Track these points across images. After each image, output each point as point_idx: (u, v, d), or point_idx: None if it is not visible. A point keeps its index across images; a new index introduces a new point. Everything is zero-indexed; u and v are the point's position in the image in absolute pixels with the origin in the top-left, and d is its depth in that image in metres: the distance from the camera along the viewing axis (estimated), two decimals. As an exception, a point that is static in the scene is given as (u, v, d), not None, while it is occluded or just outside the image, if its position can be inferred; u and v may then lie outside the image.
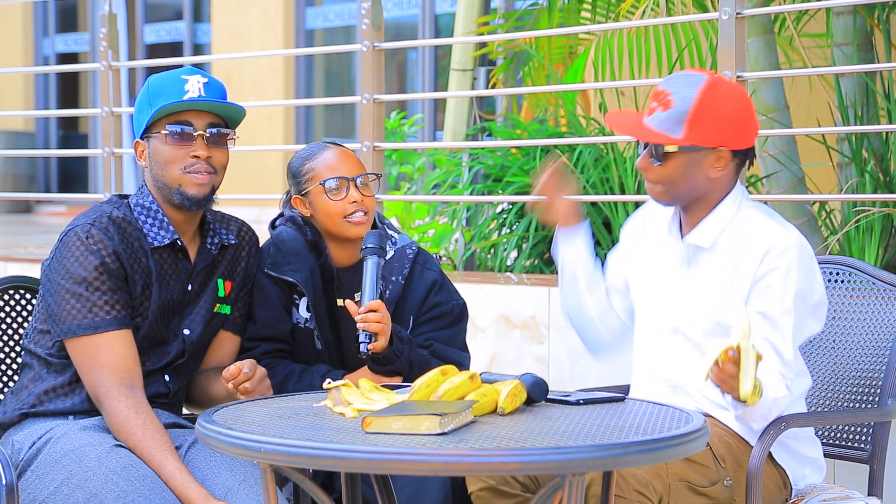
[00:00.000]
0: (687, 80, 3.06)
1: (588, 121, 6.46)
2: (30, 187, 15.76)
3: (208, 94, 3.15)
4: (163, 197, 3.18)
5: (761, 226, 3.10)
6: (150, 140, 3.17)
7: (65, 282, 3.07)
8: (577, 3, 6.32)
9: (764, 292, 3.05)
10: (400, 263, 3.41)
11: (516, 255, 5.90)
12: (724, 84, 3.08)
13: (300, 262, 3.37)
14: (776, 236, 3.06)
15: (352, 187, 3.34)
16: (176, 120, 3.14)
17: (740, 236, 3.11)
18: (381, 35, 5.20)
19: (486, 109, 9.33)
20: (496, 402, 2.69)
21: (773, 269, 3.04)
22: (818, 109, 6.68)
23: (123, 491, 2.89)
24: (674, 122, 3.03)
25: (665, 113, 3.04)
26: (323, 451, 2.38)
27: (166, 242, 3.17)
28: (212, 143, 3.16)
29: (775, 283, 3.04)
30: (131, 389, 3.05)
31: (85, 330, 3.06)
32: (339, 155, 3.39)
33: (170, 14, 15.20)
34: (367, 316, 3.15)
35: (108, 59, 6.06)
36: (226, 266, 3.29)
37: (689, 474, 3.01)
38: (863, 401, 3.39)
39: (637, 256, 3.29)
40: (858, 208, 4.94)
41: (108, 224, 3.11)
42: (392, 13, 12.46)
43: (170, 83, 3.15)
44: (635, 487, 2.87)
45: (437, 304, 3.42)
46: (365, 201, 3.35)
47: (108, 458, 2.96)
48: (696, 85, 3.04)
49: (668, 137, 3.04)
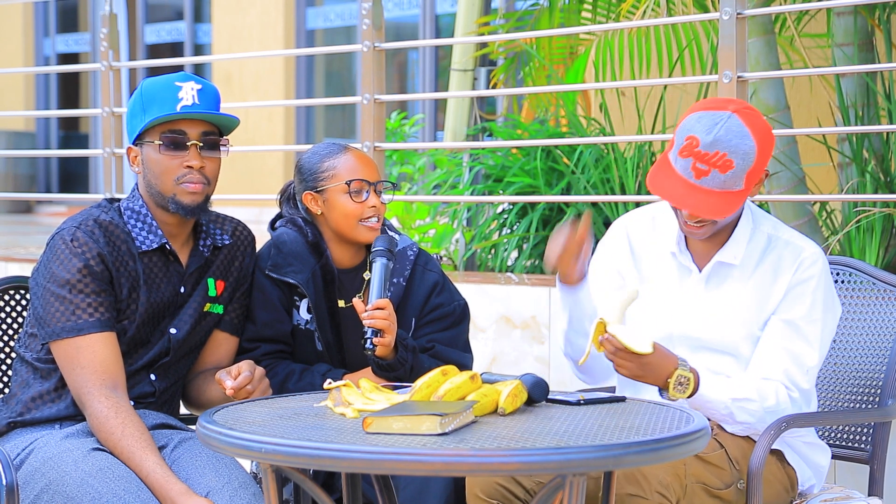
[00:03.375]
0: (735, 134, 2.97)
1: (588, 121, 6.46)
2: (30, 187, 15.76)
3: (202, 101, 3.14)
4: (156, 203, 3.18)
5: (789, 235, 3.17)
6: (142, 147, 3.17)
7: (50, 285, 3.08)
8: (577, 4, 6.32)
9: (795, 301, 3.10)
10: (401, 265, 3.41)
11: (517, 256, 5.90)
12: (755, 117, 3.02)
13: (301, 264, 3.37)
14: (805, 247, 3.13)
15: (372, 192, 3.36)
16: (169, 129, 3.13)
17: (770, 248, 3.15)
18: (382, 35, 5.20)
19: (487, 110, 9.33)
20: (497, 402, 2.69)
21: (807, 279, 3.10)
22: (819, 109, 6.67)
23: (98, 492, 2.89)
24: (737, 178, 2.99)
25: (725, 174, 2.97)
26: (323, 451, 2.38)
27: (154, 246, 3.17)
28: (205, 151, 3.16)
29: (807, 292, 3.10)
30: (113, 390, 3.04)
31: (68, 332, 3.06)
32: (363, 158, 3.41)
33: (170, 14, 15.19)
34: (373, 313, 3.16)
35: (108, 59, 6.06)
36: (218, 266, 3.28)
37: (705, 476, 3.01)
38: (863, 401, 3.39)
39: (642, 264, 3.26)
40: (859, 208, 4.94)
41: (93, 227, 3.11)
42: (392, 13, 12.45)
43: (163, 90, 3.14)
44: (657, 489, 2.87)
45: (439, 306, 3.42)
46: (380, 207, 3.37)
47: (84, 462, 2.96)
48: (748, 137, 2.97)
49: (735, 195, 3.00)
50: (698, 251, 3.20)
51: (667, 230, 3.23)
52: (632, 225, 3.31)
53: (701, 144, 2.97)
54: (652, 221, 3.29)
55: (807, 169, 5.49)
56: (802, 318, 3.09)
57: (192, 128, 3.14)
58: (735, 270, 3.16)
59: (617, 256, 3.28)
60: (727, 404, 3.02)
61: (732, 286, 3.15)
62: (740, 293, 3.14)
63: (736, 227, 3.16)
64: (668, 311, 3.18)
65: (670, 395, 2.97)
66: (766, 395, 3.04)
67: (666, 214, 3.23)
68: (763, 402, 3.03)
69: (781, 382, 3.06)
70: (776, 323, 3.10)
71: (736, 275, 3.16)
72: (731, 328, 3.13)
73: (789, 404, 3.06)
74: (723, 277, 3.17)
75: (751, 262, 3.15)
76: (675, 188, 3.01)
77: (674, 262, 3.22)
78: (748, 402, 3.03)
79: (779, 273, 3.12)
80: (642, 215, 3.33)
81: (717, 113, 2.99)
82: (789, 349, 3.07)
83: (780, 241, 3.16)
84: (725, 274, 3.17)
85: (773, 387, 3.05)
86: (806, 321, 3.09)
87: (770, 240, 3.16)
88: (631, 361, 2.92)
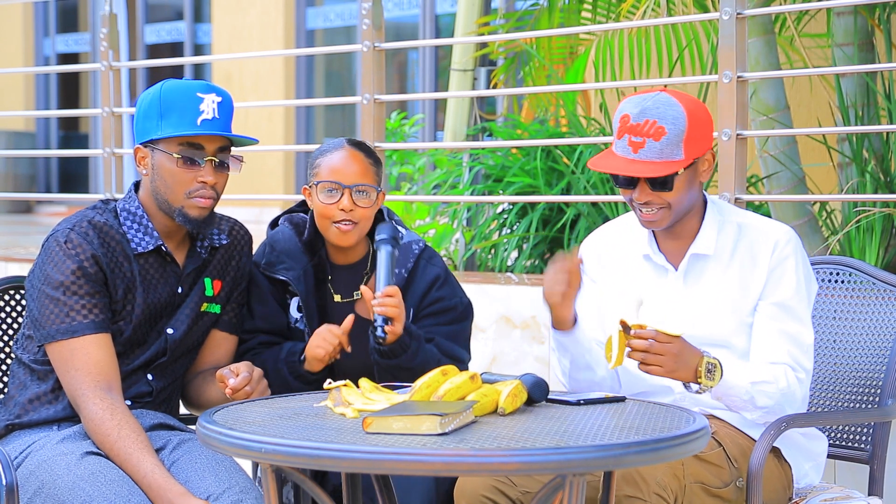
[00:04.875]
0: (662, 103, 3.05)
1: (588, 121, 6.46)
2: (30, 187, 15.76)
3: (221, 114, 3.12)
4: (159, 208, 3.16)
5: (758, 221, 3.22)
6: (154, 152, 3.13)
7: (44, 287, 3.07)
8: (577, 4, 6.32)
9: (779, 282, 3.13)
10: (404, 258, 3.42)
11: (517, 256, 5.90)
12: (684, 94, 3.11)
13: (293, 261, 3.38)
14: (777, 228, 3.18)
15: (345, 195, 3.31)
16: (188, 142, 3.10)
17: (742, 236, 3.17)
18: (382, 35, 5.20)
19: (487, 110, 9.33)
20: (497, 402, 2.69)
21: (785, 258, 3.14)
22: (819, 109, 6.68)
23: (90, 496, 2.88)
24: (673, 145, 3.04)
25: (660, 142, 3.03)
26: (323, 451, 2.38)
27: (150, 248, 3.16)
28: (219, 168, 3.14)
29: (788, 271, 3.13)
30: (108, 392, 3.03)
31: (63, 334, 3.05)
32: (344, 159, 3.35)
33: (170, 14, 15.19)
34: (383, 300, 3.16)
35: (108, 59, 6.06)
36: (215, 266, 3.27)
37: (704, 475, 3.02)
38: (863, 401, 3.39)
39: (607, 284, 3.26)
40: (859, 208, 4.94)
41: (88, 228, 3.10)
42: (392, 13, 12.45)
43: (184, 99, 3.10)
44: (655, 490, 2.87)
45: (440, 299, 3.42)
46: (356, 212, 3.30)
47: (77, 466, 2.95)
48: (676, 104, 3.05)
49: (674, 163, 3.05)
50: (671, 250, 3.21)
51: (636, 236, 3.25)
52: (598, 241, 3.33)
53: (631, 118, 3.05)
54: (619, 233, 3.31)
55: (807, 169, 5.49)
56: (791, 298, 3.12)
57: (209, 143, 3.12)
58: (711, 262, 3.17)
59: (591, 276, 3.27)
60: (748, 388, 3.02)
61: (711, 278, 3.17)
62: (721, 284, 3.16)
63: (704, 219, 3.19)
64: (651, 313, 3.18)
65: (702, 383, 2.96)
66: (778, 376, 3.06)
67: (633, 224, 3.24)
68: (777, 383, 3.05)
69: (788, 365, 3.08)
70: (767, 308, 3.12)
71: (713, 266, 3.17)
72: (719, 320, 3.13)
73: (798, 386, 3.08)
74: (700, 271, 3.18)
75: (725, 252, 3.17)
76: (616, 163, 3.08)
77: (649, 265, 3.23)
78: (766, 385, 3.04)
79: (756, 258, 3.15)
80: (607, 229, 3.36)
81: (646, 93, 3.09)
82: (786, 331, 3.10)
83: (749, 227, 3.19)
84: (702, 267, 3.18)
85: (781, 369, 3.07)
86: (795, 300, 3.13)
87: (740, 228, 3.19)
88: (665, 354, 2.90)
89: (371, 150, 3.42)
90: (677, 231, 3.19)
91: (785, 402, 3.06)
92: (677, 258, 3.21)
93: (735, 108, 4.36)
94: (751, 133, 4.62)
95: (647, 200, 3.09)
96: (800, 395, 3.09)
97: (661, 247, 3.22)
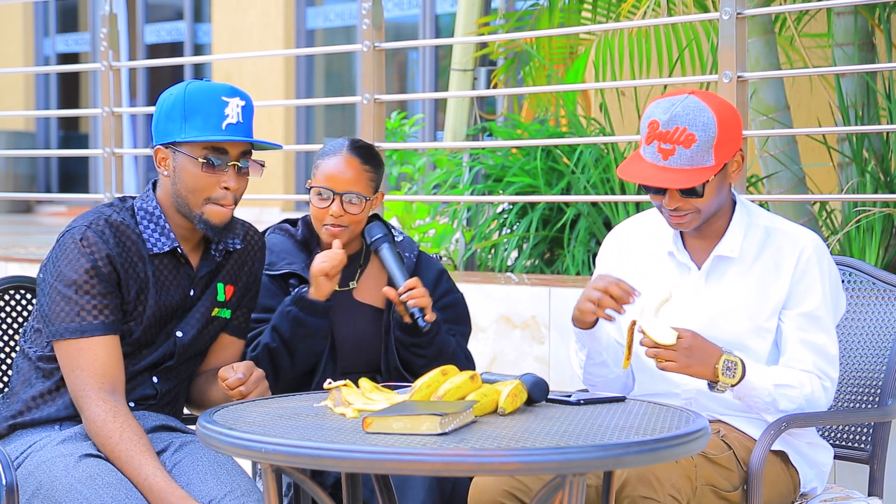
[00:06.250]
0: (692, 108, 3.01)
1: (588, 121, 6.46)
2: (30, 187, 15.76)
3: (245, 118, 3.10)
4: (176, 209, 3.13)
5: (786, 226, 3.19)
6: (176, 154, 3.09)
7: (57, 283, 3.06)
8: (577, 4, 6.33)
9: (806, 292, 3.11)
10: (409, 245, 3.52)
11: (517, 256, 5.90)
12: (712, 96, 3.08)
13: (292, 258, 3.47)
14: (804, 235, 3.15)
15: (336, 201, 3.38)
16: (212, 146, 3.07)
17: (768, 240, 3.15)
18: (382, 35, 5.20)
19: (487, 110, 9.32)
20: (497, 402, 2.69)
21: (810, 268, 3.12)
22: (819, 109, 6.68)
23: (87, 499, 2.87)
24: (704, 152, 3.00)
25: (690, 149, 3.00)
26: (323, 451, 2.38)
27: (166, 250, 3.13)
28: (240, 172, 3.12)
29: (815, 281, 3.11)
30: (111, 394, 3.02)
31: (72, 333, 3.03)
32: (339, 164, 3.40)
33: (170, 14, 15.19)
34: (411, 294, 3.27)
35: (108, 59, 6.06)
36: (229, 270, 3.25)
37: (715, 478, 3.01)
38: (863, 401, 3.39)
39: (628, 278, 3.25)
40: (859, 208, 4.94)
41: (104, 227, 3.07)
42: (392, 13, 12.45)
43: (210, 103, 3.07)
44: (669, 491, 2.86)
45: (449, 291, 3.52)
46: (345, 217, 3.37)
47: (75, 468, 2.94)
48: (706, 110, 3.01)
49: (704, 171, 3.02)
50: (696, 248, 3.20)
51: (662, 233, 3.23)
52: (623, 234, 3.32)
53: (661, 125, 3.02)
54: (644, 227, 3.29)
55: (807, 169, 5.49)
56: (818, 308, 3.11)
57: (233, 147, 3.08)
58: (734, 264, 3.16)
59: (613, 269, 3.26)
60: (770, 391, 3.02)
61: (733, 280, 3.15)
62: (741, 286, 3.14)
63: (731, 221, 3.17)
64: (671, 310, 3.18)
65: (720, 381, 2.97)
66: (804, 382, 3.06)
67: (659, 219, 3.23)
68: (802, 388, 3.05)
69: (815, 374, 3.08)
70: (794, 318, 3.11)
71: (735, 269, 3.16)
72: (735, 322, 3.12)
73: (823, 394, 3.08)
74: (722, 272, 3.17)
75: (749, 255, 3.16)
76: (646, 171, 3.05)
77: (672, 262, 3.22)
78: (790, 389, 3.04)
79: (780, 265, 3.13)
80: (632, 223, 3.34)
81: (674, 97, 3.06)
82: (812, 342, 3.09)
83: (777, 232, 3.17)
84: (725, 268, 3.17)
85: (807, 376, 3.07)
86: (823, 310, 3.11)
87: (767, 232, 3.17)
88: (676, 349, 2.92)
89: (371, 154, 3.44)
90: (704, 231, 3.17)
91: (808, 409, 3.06)
92: (701, 257, 3.19)
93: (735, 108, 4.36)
94: (751, 133, 4.62)
95: (677, 205, 3.07)
96: (824, 403, 3.09)
97: (687, 245, 3.21)
